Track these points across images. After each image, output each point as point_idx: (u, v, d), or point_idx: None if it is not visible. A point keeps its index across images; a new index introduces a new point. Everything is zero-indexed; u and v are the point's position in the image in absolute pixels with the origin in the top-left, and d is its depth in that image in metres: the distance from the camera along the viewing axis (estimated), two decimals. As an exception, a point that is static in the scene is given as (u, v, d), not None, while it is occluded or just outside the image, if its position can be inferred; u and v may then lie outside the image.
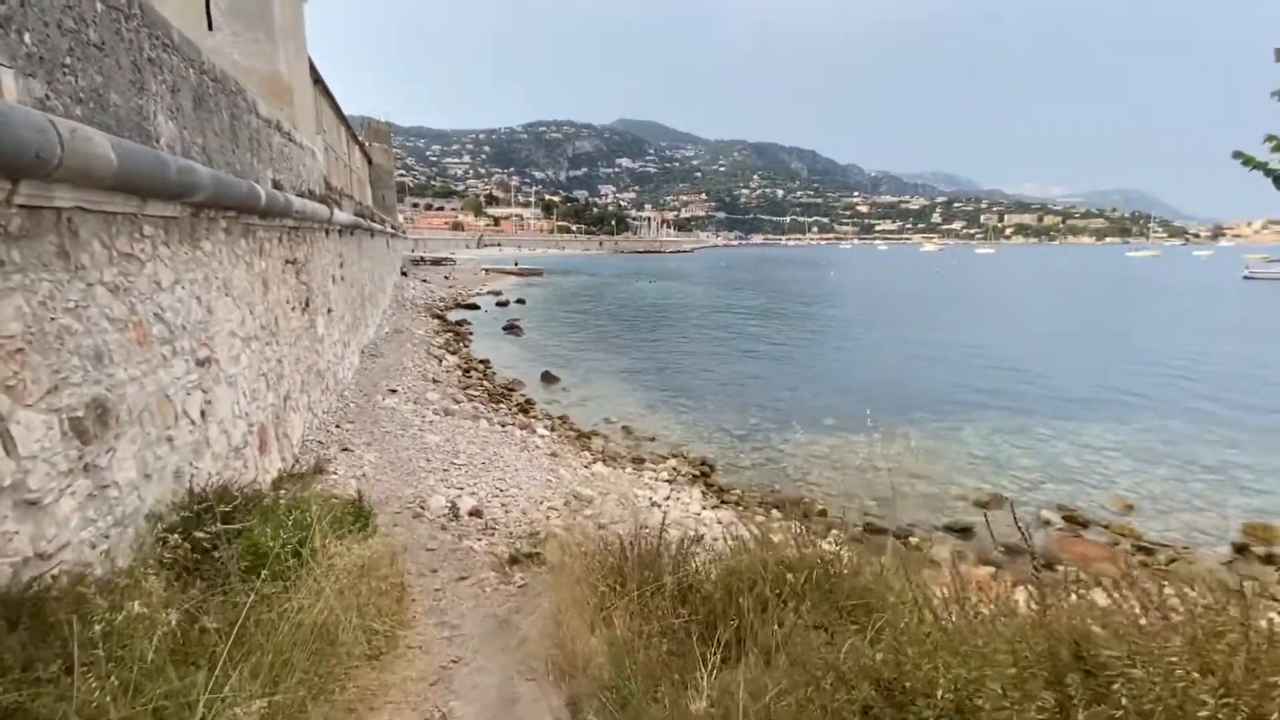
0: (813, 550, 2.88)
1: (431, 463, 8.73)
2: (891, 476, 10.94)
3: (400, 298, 32.40)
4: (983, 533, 8.77)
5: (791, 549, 2.80)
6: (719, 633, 2.36)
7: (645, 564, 2.97)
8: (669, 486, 9.30)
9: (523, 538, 6.59)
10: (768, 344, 25.68)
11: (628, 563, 3.00)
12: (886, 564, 3.01)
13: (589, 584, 2.78)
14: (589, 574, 2.89)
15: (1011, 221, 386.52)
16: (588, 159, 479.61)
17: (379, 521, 6.34)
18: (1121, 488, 10.58)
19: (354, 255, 17.50)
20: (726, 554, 3.02)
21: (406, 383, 14.23)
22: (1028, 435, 13.54)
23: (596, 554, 3.22)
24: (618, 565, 3.02)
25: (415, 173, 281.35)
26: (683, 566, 3.01)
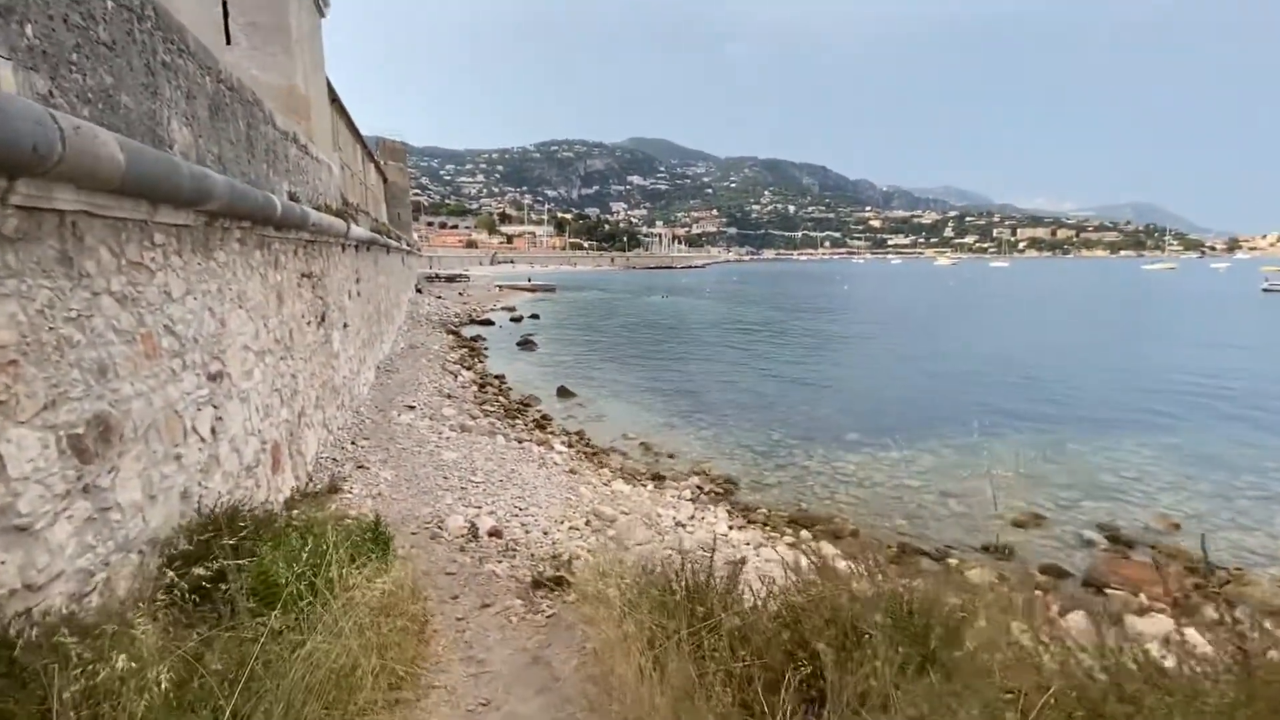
0: (889, 583, 2.58)
1: (449, 480, 8.47)
2: (922, 495, 10.53)
3: (415, 314, 32.46)
4: (1026, 553, 8.35)
5: (862, 581, 2.50)
6: (787, 679, 2.05)
7: (695, 597, 2.67)
8: (692, 505, 8.96)
9: (545, 560, 6.27)
10: (784, 359, 25.30)
11: (674, 595, 2.70)
12: (979, 600, 2.68)
13: (635, 620, 2.49)
14: (633, 608, 2.59)
15: (1024, 235, 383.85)
16: (599, 177, 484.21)
17: (397, 544, 6.08)
18: (1164, 505, 10.09)
19: (370, 271, 17.47)
20: (788, 587, 2.71)
21: (422, 399, 14.04)
22: (1060, 451, 13.04)
23: (637, 584, 2.92)
24: (661, 598, 2.72)
25: (430, 192, 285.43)
26: (737, 600, 2.70)
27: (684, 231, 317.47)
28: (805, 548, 3.75)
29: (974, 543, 8.71)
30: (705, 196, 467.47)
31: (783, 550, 7.66)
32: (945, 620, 2.26)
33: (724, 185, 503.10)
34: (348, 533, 3.73)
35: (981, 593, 2.81)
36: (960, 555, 8.26)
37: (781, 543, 8.14)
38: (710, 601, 2.64)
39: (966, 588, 6.21)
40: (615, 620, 2.57)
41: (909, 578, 3.21)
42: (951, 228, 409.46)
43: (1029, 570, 7.87)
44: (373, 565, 3.19)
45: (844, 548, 8.04)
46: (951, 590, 2.77)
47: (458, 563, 5.50)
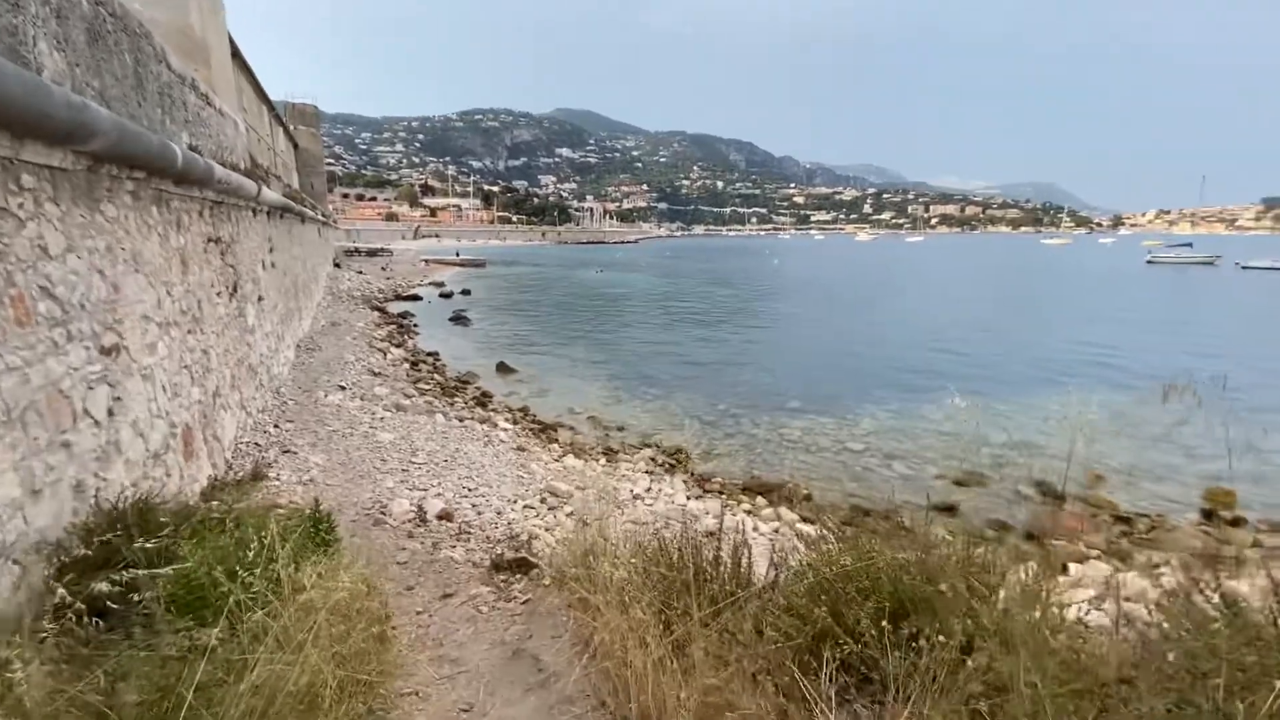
0: (926, 550, 2.41)
1: (388, 463, 7.87)
2: (866, 458, 10.79)
3: (335, 290, 30.49)
4: (967, 511, 8.67)
5: (888, 548, 2.30)
6: (826, 661, 1.83)
7: (705, 575, 2.41)
8: (649, 478, 8.75)
9: (503, 541, 5.90)
10: (724, 330, 25.49)
11: (681, 574, 2.42)
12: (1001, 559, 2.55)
13: (645, 603, 2.20)
14: (639, 591, 2.29)
15: (937, 212, 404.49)
16: (527, 148, 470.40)
17: (339, 534, 5.52)
18: (1087, 460, 10.74)
19: (285, 241, 16.07)
20: (814, 560, 2.49)
21: (350, 378, 13.11)
22: (987, 412, 13.71)
23: (637, 562, 2.62)
24: (667, 577, 2.44)
25: (345, 162, 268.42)
26: (749, 578, 2.45)
27: (614, 206, 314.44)
28: (822, 519, 3.54)
29: (919, 501, 8.94)
30: (635, 171, 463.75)
31: (764, 523, 7.60)
32: (1000, 587, 2.11)
33: (654, 160, 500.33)
34: (286, 523, 3.23)
35: (997, 553, 2.68)
36: (909, 514, 8.46)
37: (740, 510, 8.07)
38: (722, 579, 2.39)
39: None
40: (619, 605, 2.28)
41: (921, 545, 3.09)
42: (870, 204, 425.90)
43: (973, 526, 8.16)
44: (323, 560, 2.73)
45: (801, 512, 8.09)
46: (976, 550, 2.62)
47: (408, 550, 5.04)
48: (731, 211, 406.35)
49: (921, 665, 1.68)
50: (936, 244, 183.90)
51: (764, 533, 7.31)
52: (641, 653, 1.99)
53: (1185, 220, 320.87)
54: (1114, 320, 29.08)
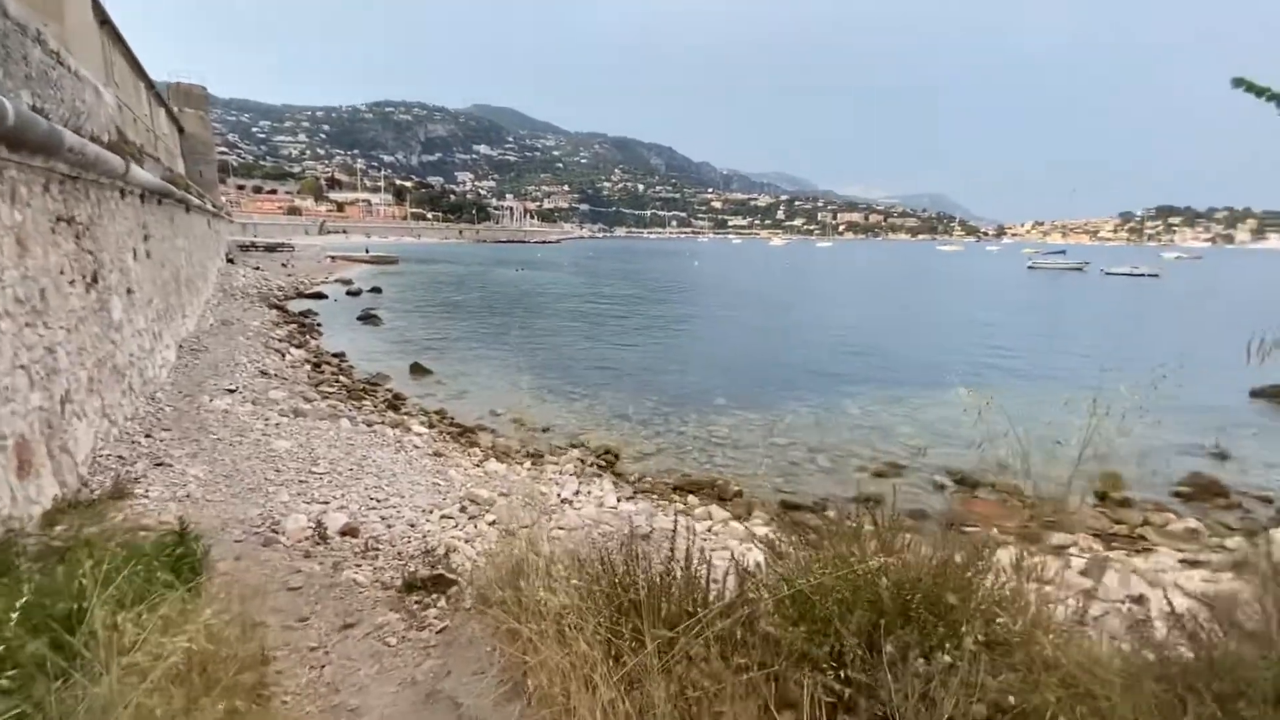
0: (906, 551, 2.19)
1: (283, 474, 7.03)
2: (792, 453, 10.87)
3: (228, 286, 27.92)
4: (890, 501, 8.84)
5: (867, 552, 2.06)
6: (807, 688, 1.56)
7: (660, 593, 2.07)
8: (577, 480, 8.33)
9: (417, 557, 5.32)
10: (648, 329, 25.39)
11: (629, 593, 2.06)
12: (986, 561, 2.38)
13: (589, 632, 1.83)
14: (583, 618, 1.92)
15: (843, 219, 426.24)
16: (442, 144, 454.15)
17: (215, 555, 4.78)
18: (991, 449, 11.33)
19: (165, 230, 14.40)
20: (762, 568, 2.22)
21: (242, 380, 11.87)
22: (899, 405, 14.27)
23: (576, 577, 2.24)
24: (613, 595, 2.07)
25: (241, 151, 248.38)
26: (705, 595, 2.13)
27: (535, 206, 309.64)
28: (778, 520, 3.25)
29: (845, 494, 9.09)
30: (556, 171, 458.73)
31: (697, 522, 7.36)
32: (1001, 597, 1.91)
33: (575, 160, 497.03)
34: (134, 553, 2.60)
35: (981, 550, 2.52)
36: (837, 507, 8.53)
37: (672, 509, 7.83)
38: (677, 596, 2.06)
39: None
40: (557, 636, 1.90)
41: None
42: (783, 211, 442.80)
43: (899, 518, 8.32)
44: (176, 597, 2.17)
45: (733, 509, 7.95)
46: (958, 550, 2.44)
47: (303, 573, 4.39)
48: (652, 214, 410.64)
49: (922, 688, 1.44)
50: (845, 249, 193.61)
51: (698, 533, 7.09)
52: (588, 696, 1.64)
53: (1057, 231, 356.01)
54: (1006, 319, 31.49)
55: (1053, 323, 30.66)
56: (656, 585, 2.16)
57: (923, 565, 2.07)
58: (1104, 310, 38.49)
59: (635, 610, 1.99)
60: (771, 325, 28.53)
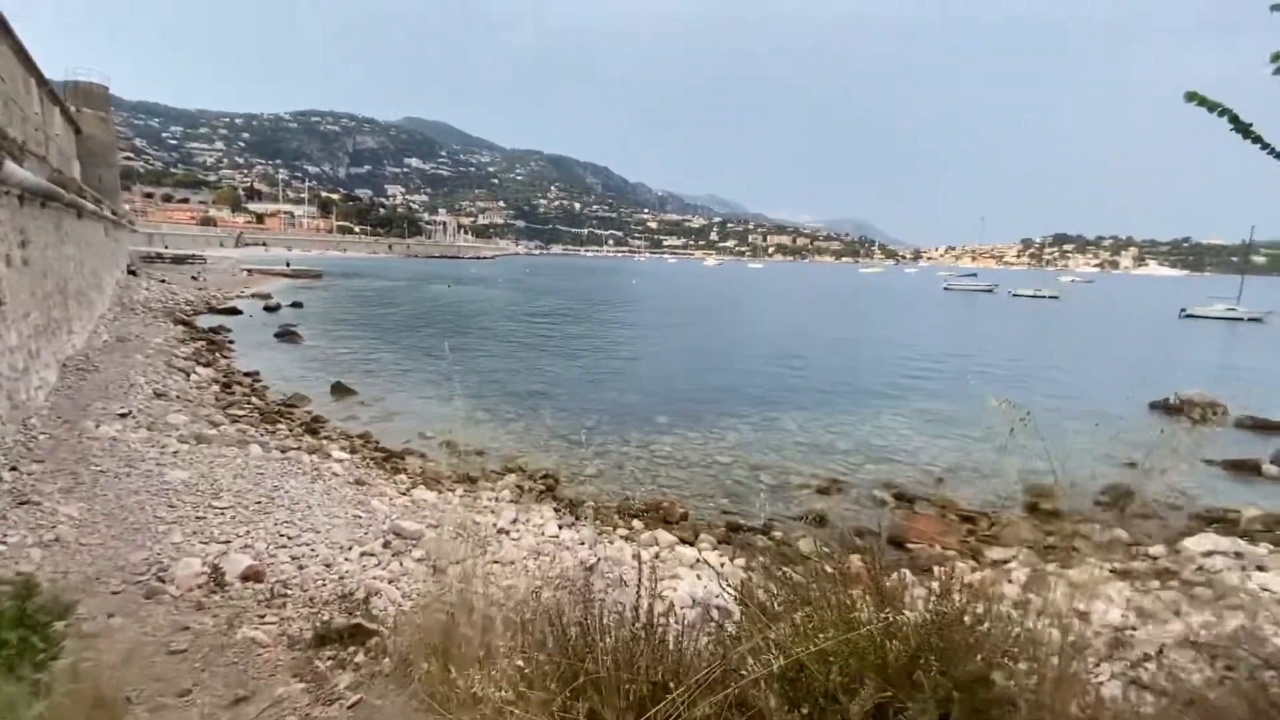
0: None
1: (177, 509, 6.22)
2: (735, 471, 10.73)
3: (128, 300, 25.63)
4: (836, 519, 8.81)
5: (870, 616, 1.77)
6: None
7: (625, 660, 1.72)
8: (515, 507, 7.83)
9: (331, 603, 4.74)
10: (585, 348, 24.98)
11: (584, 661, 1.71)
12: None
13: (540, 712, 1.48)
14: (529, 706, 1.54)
15: (773, 241, 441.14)
16: (372, 156, 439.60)
17: (83, 612, 4.06)
18: (925, 462, 11.61)
19: (48, 236, 12.94)
20: (739, 624, 1.90)
21: (136, 404, 10.70)
22: (836, 421, 14.48)
23: (528, 662, 1.85)
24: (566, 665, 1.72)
25: (150, 157, 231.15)
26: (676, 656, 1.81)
27: (470, 221, 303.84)
28: (759, 561, 2.89)
29: (790, 513, 8.99)
30: (491, 187, 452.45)
31: (644, 549, 6.99)
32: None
33: (510, 177, 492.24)
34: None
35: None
36: (783, 527, 8.41)
37: (616, 536, 7.46)
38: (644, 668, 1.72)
39: (799, 559, 6.18)
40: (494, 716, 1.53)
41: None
42: (716, 233, 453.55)
43: (844, 535, 8.27)
44: None
45: (679, 533, 7.66)
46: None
47: (191, 630, 3.76)
48: (589, 233, 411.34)
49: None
50: (775, 270, 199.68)
51: (645, 560, 6.75)
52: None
53: (967, 255, 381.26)
54: (929, 337, 33.05)
55: (972, 340, 32.39)
56: (619, 652, 1.81)
57: (931, 621, 1.81)
58: (1016, 328, 41.13)
59: (595, 688, 1.64)
60: (710, 343, 28.75)
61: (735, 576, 5.78)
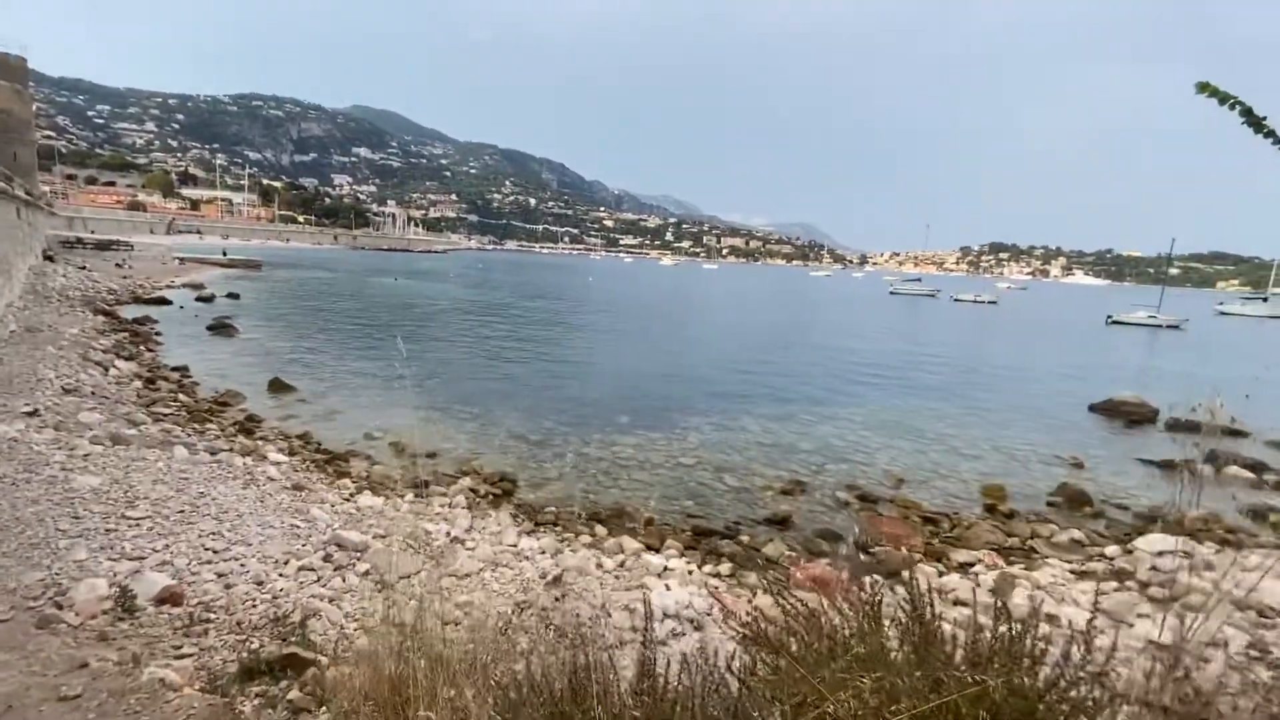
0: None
1: (83, 521, 5.52)
2: (699, 473, 10.51)
3: (42, 287, 23.56)
4: (801, 521, 8.68)
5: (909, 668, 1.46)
6: None
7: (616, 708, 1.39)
8: (469, 514, 7.35)
9: (263, 628, 4.22)
10: (542, 346, 24.41)
11: None
12: None
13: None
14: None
15: (727, 243, 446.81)
16: (318, 144, 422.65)
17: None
18: (884, 463, 11.66)
19: (-63, 213, 11.59)
20: (761, 667, 1.56)
21: (44, 400, 9.67)
22: (795, 421, 14.46)
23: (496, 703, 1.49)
24: None
25: (73, 136, 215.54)
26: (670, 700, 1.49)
27: (421, 214, 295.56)
28: (766, 582, 2.51)
29: (755, 516, 8.81)
30: (443, 179, 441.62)
31: (607, 557, 6.62)
32: None
33: (463, 170, 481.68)
34: None
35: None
36: (749, 530, 8.21)
37: (578, 544, 7.09)
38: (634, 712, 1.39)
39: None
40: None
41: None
42: (671, 233, 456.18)
43: (806, 537, 8.14)
44: None
45: (645, 539, 7.36)
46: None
47: (89, 669, 3.22)
48: (544, 229, 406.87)
49: None
50: (729, 271, 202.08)
51: (609, 569, 6.41)
52: None
53: (910, 261, 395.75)
54: (878, 338, 33.84)
55: (918, 343, 33.30)
56: (611, 694, 1.46)
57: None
58: (958, 332, 42.60)
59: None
60: (669, 342, 28.59)
61: (720, 590, 5.48)
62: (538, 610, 4.90)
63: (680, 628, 5.21)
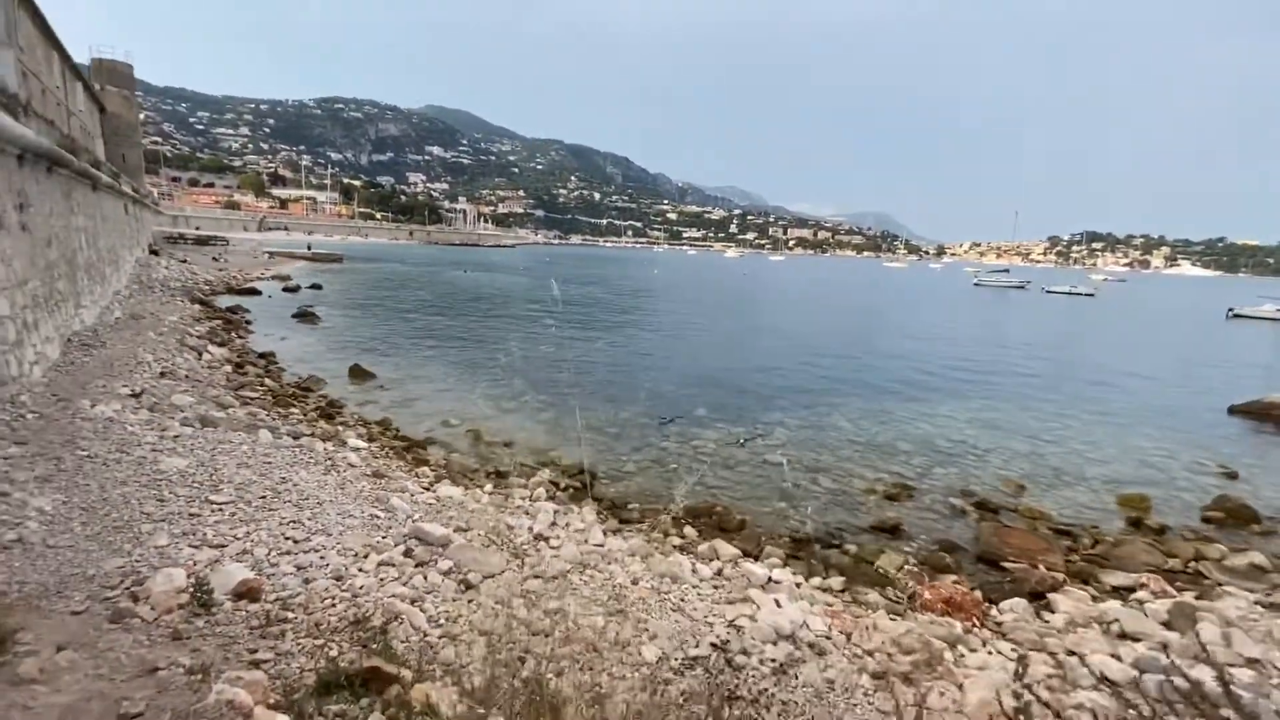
0: None
1: (168, 504, 5.36)
2: (790, 472, 9.69)
3: (146, 278, 25.12)
4: (911, 529, 7.75)
5: None
6: None
7: None
8: (553, 508, 6.87)
9: (342, 630, 3.81)
10: (611, 336, 23.98)
11: None
12: None
13: None
14: None
15: (794, 235, 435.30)
16: (394, 144, 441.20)
17: (28, 642, 3.19)
18: (997, 467, 10.47)
19: (55, 204, 12.22)
20: None
21: (141, 382, 9.92)
22: (890, 419, 13.36)
23: None
24: None
25: (177, 141, 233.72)
26: None
27: (490, 210, 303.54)
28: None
29: (860, 522, 7.94)
30: (511, 176, 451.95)
31: (702, 563, 5.98)
32: None
33: (530, 166, 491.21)
34: None
35: None
36: (854, 539, 7.37)
37: (667, 545, 6.48)
38: None
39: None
40: None
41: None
42: (736, 225, 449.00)
43: (921, 546, 7.22)
44: None
45: (742, 545, 6.66)
46: None
47: (157, 678, 2.85)
48: (608, 223, 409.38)
49: None
50: (797, 263, 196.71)
51: (705, 577, 5.76)
52: None
53: (992, 251, 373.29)
54: (969, 331, 31.55)
55: (1012, 335, 30.83)
56: None
57: None
58: (1055, 325, 39.35)
59: None
60: (741, 333, 27.61)
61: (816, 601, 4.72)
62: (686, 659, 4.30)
63: (799, 651, 4.50)
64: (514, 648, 4.05)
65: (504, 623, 4.26)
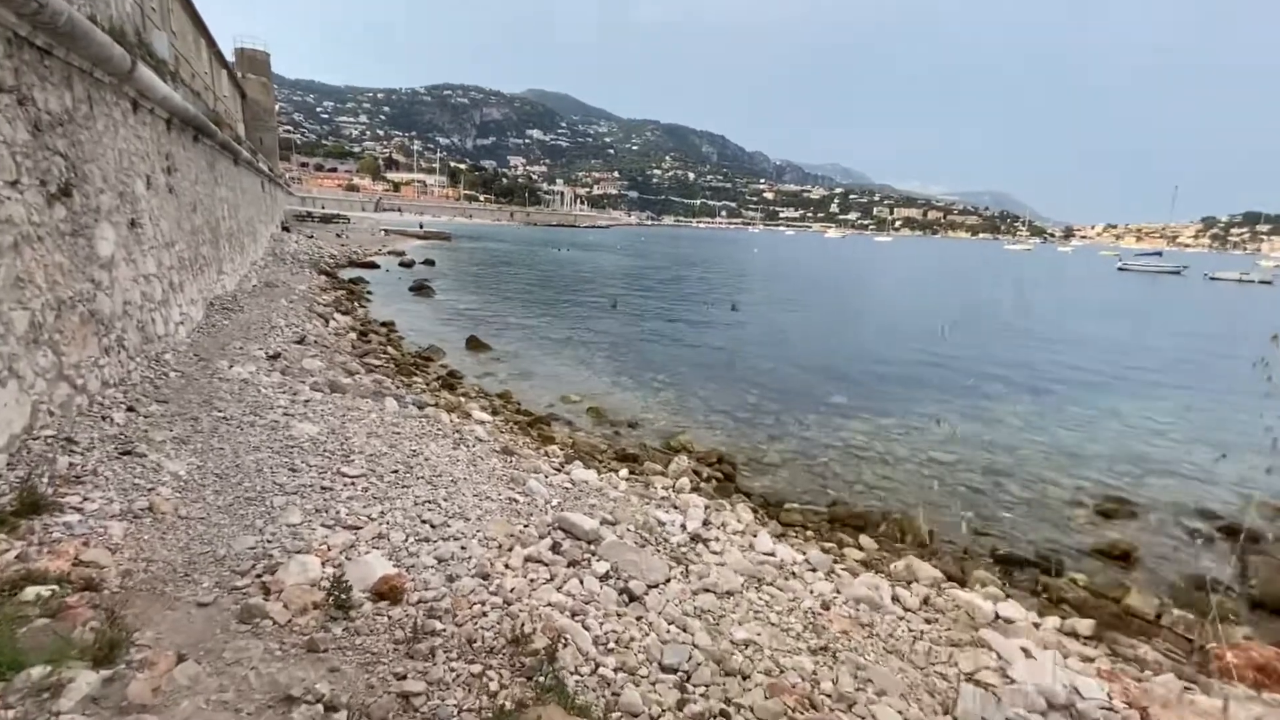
0: None
1: (300, 475, 4.87)
2: (964, 474, 8.21)
3: (279, 251, 26.65)
4: (1149, 558, 6.16)
5: None
6: None
7: None
8: (703, 502, 5.92)
9: (499, 652, 3.02)
10: (718, 315, 22.73)
11: None
12: None
13: None
14: None
15: (900, 214, 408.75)
16: (496, 128, 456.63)
17: (145, 643, 2.61)
18: (1233, 481, 8.43)
19: (200, 171, 12.65)
20: None
21: (275, 345, 9.94)
22: (1068, 416, 11.39)
23: None
24: None
25: (305, 130, 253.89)
26: None
27: (585, 191, 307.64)
28: None
29: (1073, 543, 6.43)
30: (607, 157, 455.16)
31: (904, 589, 4.84)
32: None
33: (626, 147, 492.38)
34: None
35: None
36: (1074, 565, 5.91)
37: (848, 559, 5.34)
38: None
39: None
40: None
41: None
42: (837, 204, 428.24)
43: (1174, 584, 5.64)
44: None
45: (939, 565, 5.40)
46: None
47: (291, 704, 2.12)
48: (702, 204, 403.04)
49: None
50: (905, 245, 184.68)
51: (910, 605, 4.58)
52: None
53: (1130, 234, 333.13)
54: (1128, 320, 27.57)
55: (1185, 325, 26.56)
56: None
57: None
58: (1235, 316, 33.77)
59: None
60: (858, 317, 25.53)
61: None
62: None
63: (1084, 732, 3.27)
64: (707, 694, 3.12)
65: (687, 655, 3.33)
